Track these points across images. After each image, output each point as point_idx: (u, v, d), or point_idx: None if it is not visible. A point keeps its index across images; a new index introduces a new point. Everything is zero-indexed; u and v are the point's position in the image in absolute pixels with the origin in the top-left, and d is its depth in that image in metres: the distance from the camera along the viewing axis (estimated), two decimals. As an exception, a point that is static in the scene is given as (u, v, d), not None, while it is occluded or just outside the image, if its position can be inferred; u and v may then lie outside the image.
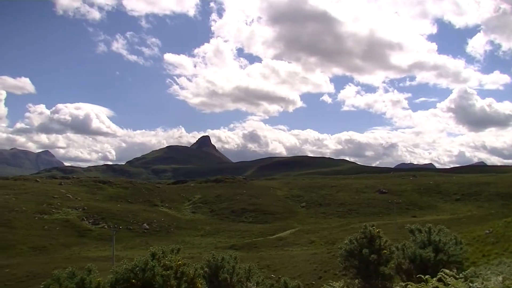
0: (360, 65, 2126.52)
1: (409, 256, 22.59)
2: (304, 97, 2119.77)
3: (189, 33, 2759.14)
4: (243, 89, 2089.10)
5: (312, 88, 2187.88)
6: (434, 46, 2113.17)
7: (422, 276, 8.59)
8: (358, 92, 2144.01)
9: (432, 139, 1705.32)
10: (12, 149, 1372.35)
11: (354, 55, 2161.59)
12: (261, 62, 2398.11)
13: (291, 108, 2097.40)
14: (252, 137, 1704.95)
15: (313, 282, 41.80)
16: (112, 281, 11.33)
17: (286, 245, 74.19)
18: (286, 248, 72.02)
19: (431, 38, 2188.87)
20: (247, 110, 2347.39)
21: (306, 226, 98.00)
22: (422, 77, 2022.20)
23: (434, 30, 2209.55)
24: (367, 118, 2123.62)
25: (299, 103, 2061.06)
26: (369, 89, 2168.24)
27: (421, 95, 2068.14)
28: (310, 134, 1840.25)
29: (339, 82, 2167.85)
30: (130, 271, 11.34)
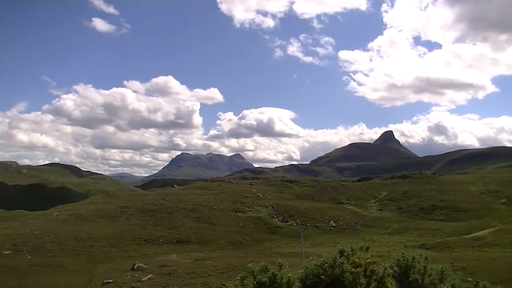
0: None
1: None
2: (496, 80, 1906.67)
3: (361, 27, 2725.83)
4: (424, 79, 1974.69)
5: (504, 70, 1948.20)
6: None
7: None
8: None
9: None
10: (208, 154, 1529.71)
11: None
12: (441, 48, 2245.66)
13: (480, 95, 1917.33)
14: (438, 129, 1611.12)
15: (520, 288, 37.31)
16: (302, 275, 11.65)
17: (484, 246, 67.56)
18: (484, 249, 65.61)
19: None
20: (430, 100, 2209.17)
21: (507, 225, 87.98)
22: None
23: None
24: None
25: (490, 88, 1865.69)
26: None
27: None
28: (506, 121, 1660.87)
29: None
30: (319, 267, 11.54)
